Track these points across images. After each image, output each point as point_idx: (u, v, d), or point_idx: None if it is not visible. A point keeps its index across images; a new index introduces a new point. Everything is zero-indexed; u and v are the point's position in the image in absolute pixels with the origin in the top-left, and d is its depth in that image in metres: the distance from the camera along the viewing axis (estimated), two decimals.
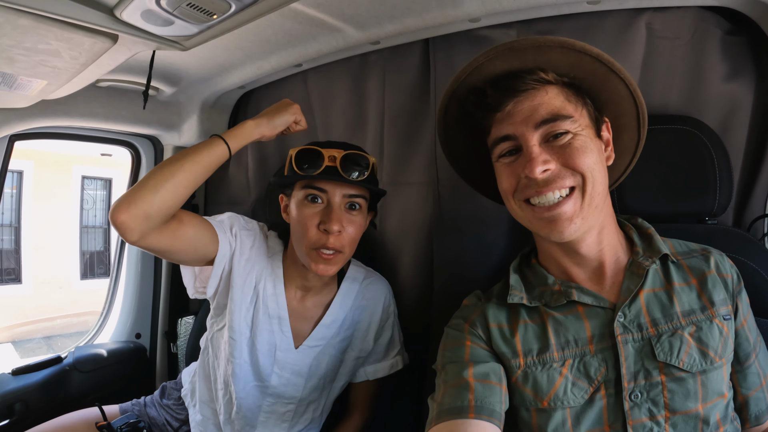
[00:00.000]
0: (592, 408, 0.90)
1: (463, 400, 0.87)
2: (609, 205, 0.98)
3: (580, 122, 0.91)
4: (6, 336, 9.74)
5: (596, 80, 0.94)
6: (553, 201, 0.91)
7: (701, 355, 0.88)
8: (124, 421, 1.50)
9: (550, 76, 0.93)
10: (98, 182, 11.96)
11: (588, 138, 0.91)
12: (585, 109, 0.94)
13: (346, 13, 1.35)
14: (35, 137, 1.94)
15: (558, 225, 0.91)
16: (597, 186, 0.90)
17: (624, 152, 1.04)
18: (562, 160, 0.90)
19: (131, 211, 1.04)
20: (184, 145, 2.22)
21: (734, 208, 1.29)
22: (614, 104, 0.97)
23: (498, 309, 1.02)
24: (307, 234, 1.24)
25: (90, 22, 1.03)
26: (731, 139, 1.24)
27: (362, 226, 1.32)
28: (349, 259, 1.40)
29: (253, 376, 1.38)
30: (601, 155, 0.94)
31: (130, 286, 2.35)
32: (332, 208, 1.24)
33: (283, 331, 1.37)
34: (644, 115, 0.98)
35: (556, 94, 0.92)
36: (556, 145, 0.91)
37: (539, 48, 0.92)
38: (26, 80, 1.33)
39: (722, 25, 1.24)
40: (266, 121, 1.28)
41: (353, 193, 1.27)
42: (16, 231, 10.47)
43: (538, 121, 0.91)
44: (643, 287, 0.94)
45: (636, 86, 0.94)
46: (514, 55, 0.94)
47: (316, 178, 1.24)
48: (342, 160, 1.24)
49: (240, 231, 1.35)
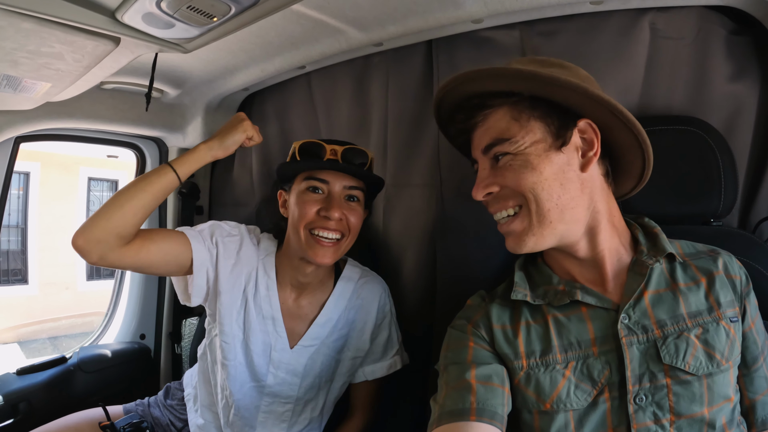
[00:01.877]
0: (595, 411, 0.89)
1: (465, 403, 0.87)
2: (603, 210, 0.96)
3: (526, 139, 0.91)
4: (12, 336, 9.80)
5: (549, 91, 0.91)
6: (503, 220, 0.97)
7: (707, 357, 0.87)
8: (128, 422, 1.50)
9: (495, 100, 0.95)
10: (104, 183, 12.02)
11: (533, 155, 0.91)
12: (538, 121, 0.92)
13: (349, 15, 1.35)
14: (40, 139, 1.94)
15: (511, 241, 0.97)
16: (543, 203, 0.91)
17: (629, 150, 0.98)
18: (505, 182, 0.93)
19: (86, 236, 1.14)
20: (189, 146, 2.22)
21: (739, 210, 1.28)
22: (581, 107, 0.93)
23: (501, 309, 1.02)
24: (306, 216, 1.29)
25: (92, 25, 1.03)
26: (736, 140, 1.23)
27: (361, 218, 1.36)
28: (346, 252, 1.42)
29: (249, 377, 1.39)
30: (564, 166, 0.91)
31: (135, 287, 2.35)
32: (333, 197, 1.30)
33: (277, 331, 1.38)
34: (621, 113, 0.89)
35: (502, 116, 0.95)
36: (501, 167, 0.94)
37: (488, 76, 0.93)
38: (31, 83, 1.34)
39: (726, 24, 1.23)
40: (218, 143, 1.28)
41: (353, 185, 1.32)
42: (22, 232, 10.53)
43: (483, 147, 0.96)
44: (647, 287, 0.93)
45: (586, 89, 0.87)
46: (469, 84, 0.96)
47: (320, 168, 1.30)
48: (343, 153, 1.32)
49: (223, 238, 1.37)
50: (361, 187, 1.34)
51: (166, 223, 2.32)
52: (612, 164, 1.01)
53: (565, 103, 0.92)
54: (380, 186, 1.41)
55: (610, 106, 0.89)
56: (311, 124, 1.96)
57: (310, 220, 1.29)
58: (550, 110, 0.92)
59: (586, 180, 0.94)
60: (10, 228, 10.23)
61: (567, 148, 0.92)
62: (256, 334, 1.37)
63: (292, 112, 2.03)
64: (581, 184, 0.93)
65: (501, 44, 1.42)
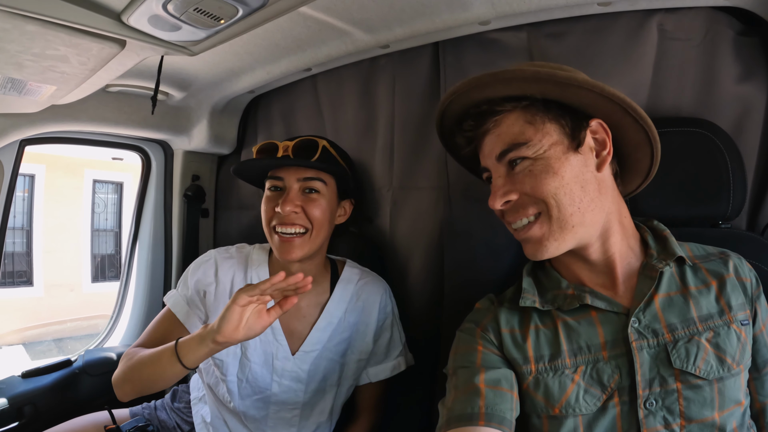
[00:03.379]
0: (605, 416, 0.88)
1: (474, 407, 0.87)
2: (615, 211, 0.96)
3: (543, 142, 0.90)
4: (17, 338, 9.82)
5: (563, 92, 0.91)
6: (521, 226, 0.94)
7: (718, 361, 0.86)
8: (133, 425, 1.49)
9: (506, 105, 0.93)
10: (109, 186, 12.06)
11: (553, 158, 0.90)
12: (553, 123, 0.91)
13: (355, 17, 1.35)
14: (46, 142, 1.94)
15: (530, 247, 0.95)
16: (565, 208, 0.89)
17: (637, 148, 0.98)
18: (524, 189, 0.91)
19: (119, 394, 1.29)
20: (194, 149, 2.23)
21: (748, 212, 1.27)
22: (594, 107, 0.93)
23: (510, 313, 1.01)
24: (266, 215, 1.35)
25: (97, 28, 1.03)
26: (744, 142, 1.22)
27: (328, 210, 1.37)
28: (338, 259, 1.45)
29: (251, 390, 1.39)
30: (582, 168, 0.91)
31: (140, 289, 2.35)
32: (287, 192, 1.32)
33: (277, 340, 1.38)
34: (635, 110, 0.90)
35: (514, 121, 0.93)
36: (518, 173, 0.92)
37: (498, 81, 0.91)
38: (36, 86, 1.34)
39: (734, 25, 1.22)
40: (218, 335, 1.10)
41: (308, 177, 1.33)
42: (27, 234, 10.56)
43: (497, 153, 0.94)
44: (657, 291, 0.92)
45: (603, 87, 0.87)
46: (478, 90, 0.94)
47: (268, 163, 1.35)
48: (293, 147, 1.35)
49: (195, 272, 1.43)
50: (318, 178, 1.34)
51: (172, 226, 2.32)
52: (618, 164, 1.01)
53: (578, 103, 0.91)
54: (347, 173, 1.42)
55: (624, 104, 0.88)
56: (317, 127, 1.96)
57: (269, 218, 1.33)
58: (563, 112, 0.92)
59: (602, 180, 0.93)
60: (15, 230, 10.24)
61: (582, 149, 0.92)
62: (254, 346, 1.37)
63: (298, 115, 2.03)
64: (598, 185, 0.92)
65: (508, 46, 1.42)
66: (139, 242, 2.37)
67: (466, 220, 1.45)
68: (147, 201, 2.35)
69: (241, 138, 2.28)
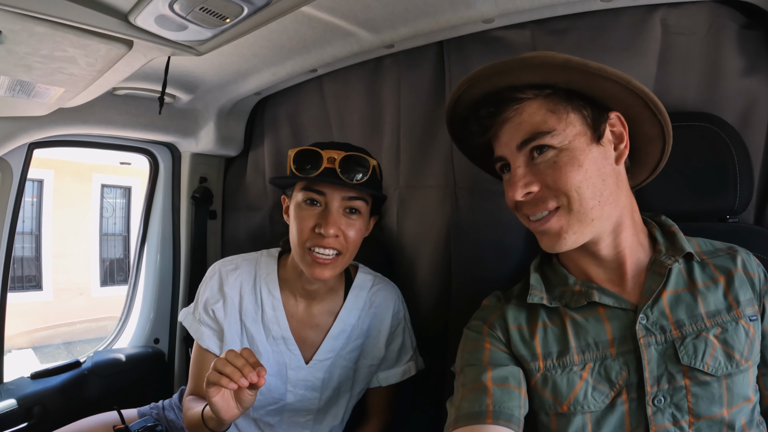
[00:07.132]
0: (613, 413, 0.88)
1: (481, 405, 0.87)
2: (627, 205, 0.95)
3: (567, 132, 0.88)
4: (26, 341, 9.87)
5: (589, 82, 0.89)
6: (540, 217, 0.91)
7: (727, 357, 0.86)
8: (142, 425, 1.49)
9: (528, 93, 0.90)
10: (118, 190, 12.12)
11: (578, 150, 0.87)
12: (576, 113, 0.89)
13: (360, 17, 1.35)
14: (54, 145, 1.96)
15: (547, 239, 0.92)
16: (587, 201, 0.87)
17: (649, 142, 0.97)
18: (546, 181, 0.89)
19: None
20: (201, 151, 2.24)
21: (755, 206, 1.26)
22: (617, 100, 0.91)
23: (518, 310, 1.01)
24: (301, 235, 1.24)
25: (105, 29, 1.03)
26: (750, 135, 1.22)
27: (362, 231, 1.30)
28: (351, 263, 1.38)
29: (264, 401, 1.39)
30: (603, 161, 0.90)
31: (149, 291, 2.36)
32: (330, 212, 1.23)
33: (290, 350, 1.37)
34: (655, 105, 0.90)
35: (536, 109, 0.90)
36: (540, 164, 0.89)
37: (525, 67, 0.89)
38: (44, 88, 1.35)
39: (738, 19, 1.22)
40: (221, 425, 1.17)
41: (353, 196, 1.25)
42: (36, 239, 10.63)
43: (519, 142, 0.90)
44: (665, 287, 0.92)
45: (630, 80, 0.87)
46: (501, 76, 0.91)
47: (315, 180, 1.23)
48: (342, 161, 1.22)
49: (204, 294, 1.40)
50: (362, 198, 1.27)
51: (180, 228, 2.33)
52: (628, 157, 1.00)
53: (600, 95, 0.90)
54: (386, 197, 1.37)
55: (647, 98, 0.88)
56: (324, 127, 1.96)
57: (306, 238, 1.24)
58: (584, 102, 0.90)
59: (619, 173, 0.93)
60: (24, 235, 10.31)
61: (603, 141, 0.90)
62: (267, 357, 1.36)
63: (304, 116, 2.04)
64: (616, 178, 0.91)
65: (512, 43, 1.42)
66: (147, 244, 2.38)
67: (472, 219, 1.45)
68: (155, 203, 2.36)
69: (248, 140, 2.29)
